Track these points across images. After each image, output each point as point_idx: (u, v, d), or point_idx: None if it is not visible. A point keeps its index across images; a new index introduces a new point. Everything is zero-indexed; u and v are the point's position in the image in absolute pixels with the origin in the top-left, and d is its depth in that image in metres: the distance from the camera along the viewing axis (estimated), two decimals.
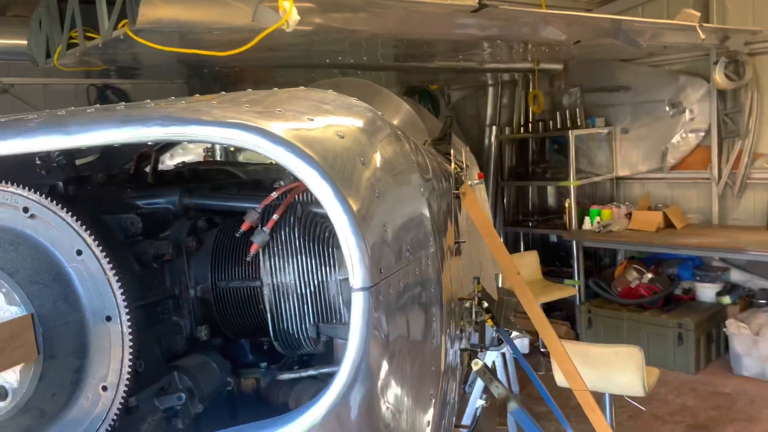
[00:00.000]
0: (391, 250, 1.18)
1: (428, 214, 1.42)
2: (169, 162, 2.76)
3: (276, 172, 1.92)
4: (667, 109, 7.56)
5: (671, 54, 7.38)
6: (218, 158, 3.74)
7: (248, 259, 1.59)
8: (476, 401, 5.79)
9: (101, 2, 3.11)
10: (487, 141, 8.64)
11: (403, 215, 1.28)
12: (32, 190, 1.34)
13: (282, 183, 1.69)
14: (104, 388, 1.34)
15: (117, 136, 1.11)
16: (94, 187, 1.65)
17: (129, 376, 1.35)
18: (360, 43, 4.63)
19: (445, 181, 2.08)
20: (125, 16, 3.07)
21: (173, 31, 3.31)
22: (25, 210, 1.35)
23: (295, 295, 1.58)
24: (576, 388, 3.65)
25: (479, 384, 5.76)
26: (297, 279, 1.57)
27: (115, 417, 1.35)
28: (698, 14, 5.90)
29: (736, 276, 7.30)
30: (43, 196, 1.38)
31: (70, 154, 1.73)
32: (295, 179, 1.17)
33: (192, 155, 2.89)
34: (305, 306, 1.58)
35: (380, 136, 1.32)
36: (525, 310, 3.84)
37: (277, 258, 1.57)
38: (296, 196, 1.60)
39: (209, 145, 2.63)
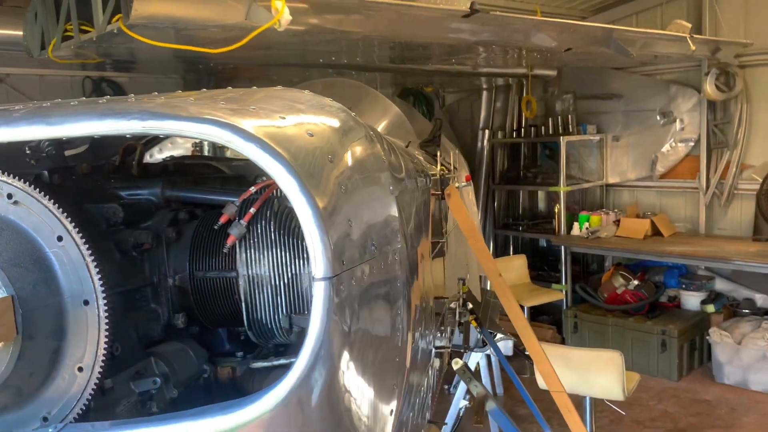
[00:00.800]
0: (354, 244, 1.24)
1: (397, 212, 1.48)
2: (157, 155, 2.81)
3: (258, 168, 1.98)
4: (658, 118, 7.65)
5: (663, 64, 7.47)
6: (206, 153, 3.80)
7: (225, 250, 1.65)
8: (459, 401, 5.87)
9: None
10: (479, 144, 8.72)
11: (370, 212, 1.34)
12: (16, 177, 1.39)
13: (263, 179, 1.75)
14: (80, 369, 1.40)
15: (97, 128, 1.17)
16: (78, 177, 1.71)
17: (104, 359, 1.41)
18: (354, 45, 4.70)
19: (421, 181, 2.14)
20: (120, 11, 3.12)
21: (167, 26, 3.37)
22: (9, 196, 1.40)
23: (269, 287, 1.64)
24: (553, 389, 3.72)
25: (463, 385, 5.80)
26: (271, 271, 1.62)
27: (90, 397, 1.40)
28: (689, 25, 5.99)
29: (720, 285, 7.39)
30: (28, 183, 1.43)
31: (59, 144, 1.79)
32: None
33: (181, 150, 2.94)
34: (278, 297, 1.63)
35: (351, 135, 1.38)
36: (505, 311, 3.90)
37: (252, 250, 1.63)
38: (274, 192, 1.66)
39: (197, 140, 2.69)
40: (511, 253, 8.87)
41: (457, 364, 4.01)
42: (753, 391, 6.47)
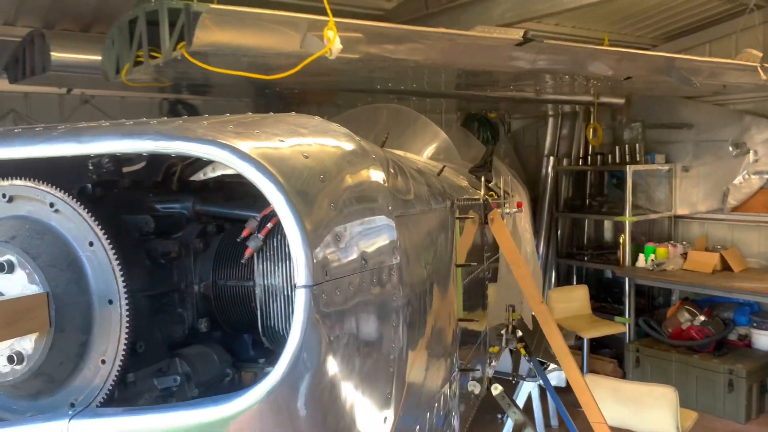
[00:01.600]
0: (342, 257, 1.34)
1: (395, 232, 1.58)
2: (210, 174, 3.01)
3: None
4: (731, 149, 7.41)
5: (736, 93, 7.25)
6: None
7: (243, 261, 1.79)
8: (509, 431, 5.81)
9: (164, 25, 3.43)
10: (544, 171, 8.66)
11: (361, 229, 1.45)
12: (58, 188, 1.58)
13: None
14: (103, 362, 1.56)
15: (117, 147, 1.34)
16: (120, 191, 1.89)
17: (126, 354, 1.56)
18: (407, 72, 4.84)
19: (440, 205, 2.23)
20: (184, 38, 3.37)
21: (227, 54, 3.61)
22: (51, 205, 1.59)
23: (281, 296, 1.76)
24: (593, 420, 3.67)
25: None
26: (284, 282, 1.75)
27: (111, 388, 1.56)
28: (760, 54, 5.81)
29: None
30: (68, 194, 1.62)
31: (118, 161, 2.00)
32: None
33: (230, 170, 3.13)
34: (290, 306, 1.75)
35: (348, 158, 1.49)
36: (547, 338, 3.89)
37: (268, 262, 1.76)
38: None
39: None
40: (575, 283, 8.72)
41: (496, 389, 4.03)
42: None
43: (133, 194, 1.93)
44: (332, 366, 1.34)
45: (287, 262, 1.75)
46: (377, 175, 1.56)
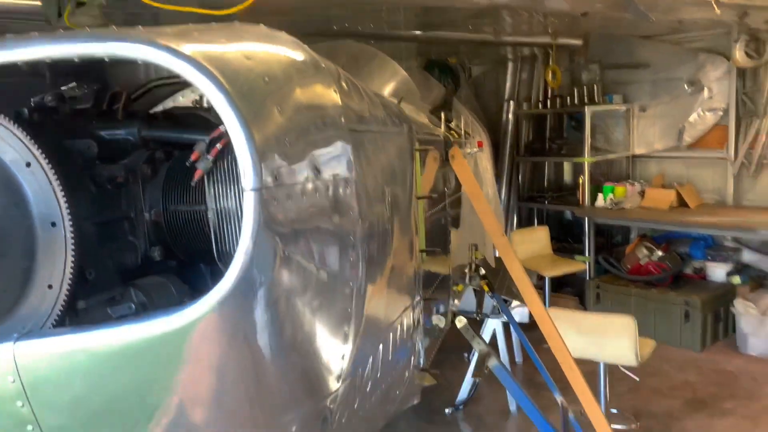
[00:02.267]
0: (291, 163, 1.30)
1: (349, 145, 1.54)
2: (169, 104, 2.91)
3: None
4: (686, 87, 7.49)
5: (692, 31, 7.29)
6: None
7: (192, 184, 1.74)
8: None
9: None
10: (504, 116, 8.66)
11: (311, 137, 1.40)
12: None
13: None
14: (50, 287, 1.51)
15: (49, 52, 1.27)
16: (60, 117, 1.81)
17: (72, 278, 1.51)
18: (365, 10, 4.73)
19: (397, 129, 2.19)
20: None
21: None
22: None
23: (235, 219, 1.72)
24: (555, 347, 3.75)
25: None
26: (238, 205, 1.71)
27: (60, 313, 1.52)
28: None
29: (748, 257, 7.24)
30: (3, 117, 1.54)
31: (62, 99, 1.91)
32: None
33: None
34: None
35: (296, 64, 1.44)
36: (508, 270, 3.93)
37: (220, 184, 1.71)
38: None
39: (197, 98, 2.78)
40: (536, 225, 8.83)
41: (460, 322, 4.07)
42: None
43: (75, 121, 1.85)
44: (286, 278, 1.31)
45: (239, 183, 1.70)
46: (329, 85, 1.52)
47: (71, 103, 1.98)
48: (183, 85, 2.81)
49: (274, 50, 1.43)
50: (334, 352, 1.58)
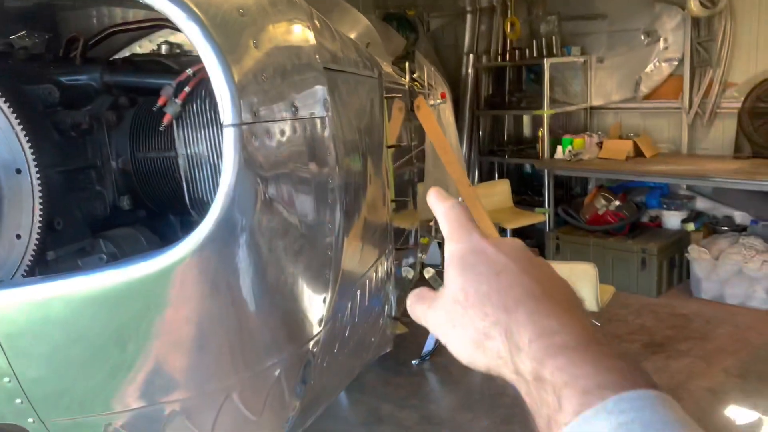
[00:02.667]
0: (269, 100, 1.27)
1: (324, 83, 1.50)
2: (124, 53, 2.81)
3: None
4: (642, 37, 7.56)
5: None
6: None
7: (161, 129, 1.68)
8: None
9: None
10: (464, 70, 8.62)
11: (288, 73, 1.36)
12: None
13: None
14: (18, 236, 1.45)
15: None
16: (14, 62, 1.72)
17: (41, 227, 1.46)
18: None
19: (368, 72, 2.15)
20: None
21: None
22: None
23: (208, 165, 1.67)
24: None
25: None
26: (209, 150, 1.66)
27: (30, 264, 1.46)
28: None
29: (701, 204, 7.46)
30: None
31: (11, 47, 1.81)
32: None
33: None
34: (218, 175, 1.67)
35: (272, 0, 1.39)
36: (475, 219, 3.96)
37: (189, 129, 1.66)
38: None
39: (155, 47, 2.68)
40: (497, 179, 8.90)
41: (428, 272, 4.11)
42: (728, 305, 6.63)
43: (32, 67, 1.76)
44: (267, 220, 1.28)
45: (210, 127, 1.65)
46: (303, 22, 1.47)
47: (22, 54, 1.89)
48: (140, 32, 2.71)
49: None
50: (316, 296, 1.57)
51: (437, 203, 0.78)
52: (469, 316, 0.70)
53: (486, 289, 0.68)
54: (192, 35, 1.13)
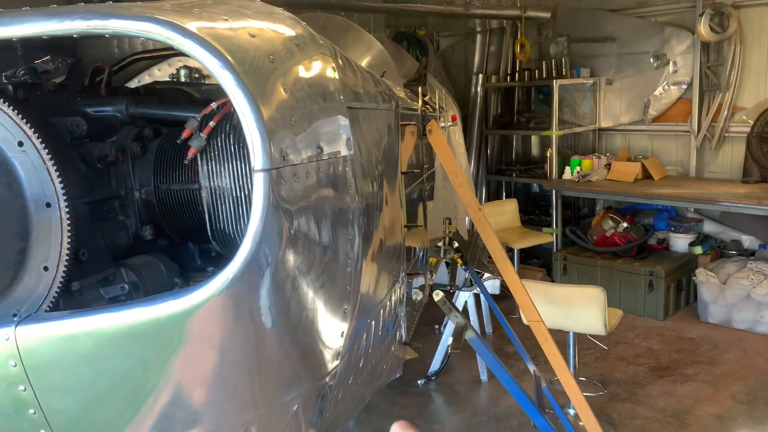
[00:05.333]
0: (297, 142, 1.30)
1: (347, 122, 1.53)
2: (147, 79, 2.85)
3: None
4: (651, 60, 7.60)
5: (658, 5, 7.39)
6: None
7: (186, 162, 1.71)
8: (447, 340, 6.02)
9: None
10: (473, 89, 8.68)
11: (315, 114, 1.39)
12: None
13: None
14: (45, 269, 1.48)
15: (45, 28, 1.22)
16: (44, 94, 1.76)
17: (69, 260, 1.48)
18: None
19: (386, 105, 2.19)
20: None
21: None
22: None
23: (230, 198, 1.70)
24: (530, 319, 3.82)
25: (451, 324, 5.93)
26: (232, 183, 1.69)
27: (56, 296, 1.49)
28: None
29: (709, 227, 7.47)
30: None
31: (35, 72, 1.84)
32: None
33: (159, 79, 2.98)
34: (240, 208, 1.70)
35: (297, 40, 1.42)
36: (484, 242, 3.98)
37: (214, 163, 1.69)
38: (234, 107, 1.71)
39: (175, 71, 2.73)
40: (504, 198, 8.93)
41: (437, 295, 4.12)
42: (736, 329, 6.62)
43: (60, 97, 1.80)
44: (292, 259, 1.31)
45: (234, 161, 1.68)
46: (327, 62, 1.50)
47: (46, 77, 1.93)
48: (160, 57, 2.75)
49: (276, 27, 1.41)
50: (335, 330, 1.59)
51: None
52: None
53: None
54: (225, 82, 1.16)
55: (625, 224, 7.27)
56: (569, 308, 4.95)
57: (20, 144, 1.45)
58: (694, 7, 7.13)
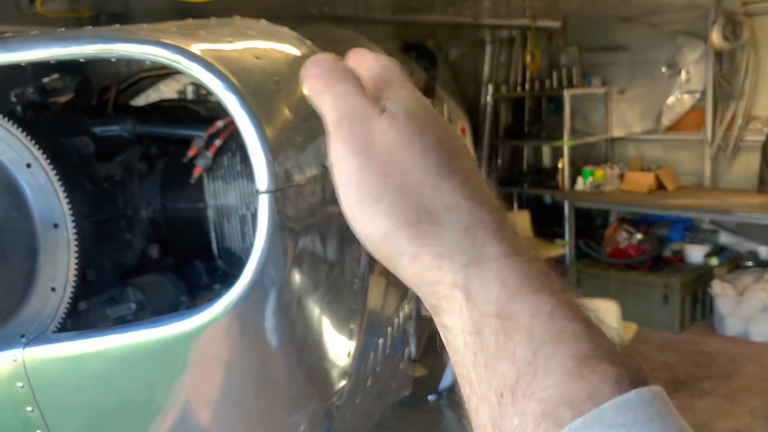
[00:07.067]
0: (302, 162, 1.29)
1: None
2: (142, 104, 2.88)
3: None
4: (664, 69, 7.55)
5: (670, 13, 7.35)
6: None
7: (192, 181, 1.72)
8: None
9: None
10: (483, 100, 8.66)
11: (321, 134, 1.39)
12: None
13: None
14: (53, 289, 1.48)
15: (52, 52, 1.23)
16: (52, 114, 1.77)
17: (77, 281, 1.49)
18: None
19: None
20: None
21: None
22: None
23: (236, 216, 1.71)
24: None
25: None
26: (238, 201, 1.69)
27: (63, 317, 1.49)
28: None
29: (725, 238, 7.38)
30: (0, 116, 1.50)
31: (44, 91, 1.86)
32: None
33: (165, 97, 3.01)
34: (246, 226, 1.71)
35: (301, 62, 1.42)
36: None
37: (220, 182, 1.70)
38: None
39: (181, 87, 2.74)
40: (515, 209, 8.88)
41: None
42: (753, 342, 6.51)
43: (67, 117, 1.81)
44: (298, 278, 1.30)
45: (240, 180, 1.69)
46: None
47: (53, 95, 1.94)
48: (167, 75, 2.77)
49: (281, 48, 1.42)
50: (341, 349, 1.58)
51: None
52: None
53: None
54: (230, 104, 1.16)
55: (639, 235, 7.20)
56: None
57: (28, 165, 1.46)
58: (707, 15, 7.08)
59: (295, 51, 1.44)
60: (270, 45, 1.38)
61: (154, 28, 1.32)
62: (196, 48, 1.19)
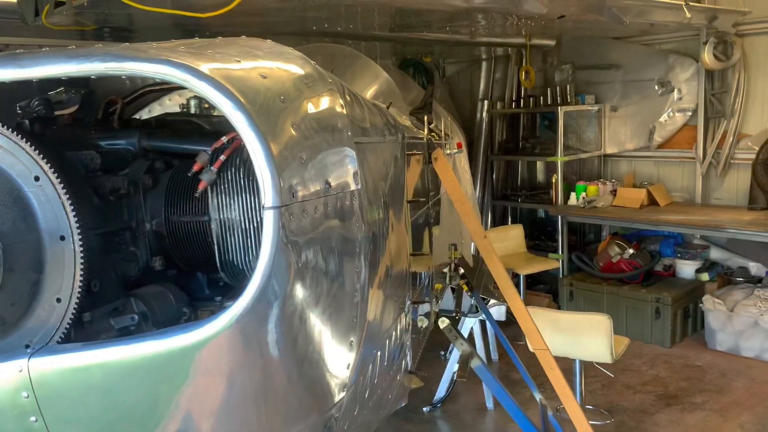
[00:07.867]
0: (306, 178, 1.33)
1: (355, 157, 1.57)
2: (146, 117, 2.91)
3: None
4: (656, 87, 7.65)
5: (662, 33, 7.46)
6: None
7: (197, 195, 1.75)
8: (453, 366, 6.00)
9: None
10: (479, 115, 8.75)
11: (323, 151, 1.43)
12: None
13: None
14: (58, 300, 1.51)
15: (64, 69, 1.27)
16: (59, 127, 1.80)
17: (81, 292, 1.51)
18: (352, 11, 4.74)
19: (393, 137, 2.23)
20: None
21: None
22: None
23: (239, 230, 1.73)
24: (536, 347, 3.82)
25: (456, 351, 5.91)
26: (241, 215, 1.72)
27: (68, 327, 1.52)
28: None
29: (715, 254, 7.46)
30: (8, 129, 1.53)
31: (49, 104, 1.89)
32: None
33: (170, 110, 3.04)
34: (249, 240, 1.73)
35: (306, 80, 1.46)
36: (490, 270, 3.99)
37: (223, 196, 1.73)
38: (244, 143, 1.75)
39: (185, 101, 2.78)
40: (510, 223, 8.94)
41: (443, 323, 4.12)
42: (744, 357, 6.57)
43: (74, 131, 1.84)
44: (300, 292, 1.34)
45: (244, 194, 1.72)
46: (335, 100, 1.54)
47: (58, 108, 1.97)
48: (171, 89, 2.81)
49: (286, 67, 1.46)
50: (341, 362, 1.61)
51: None
52: None
53: None
54: (237, 123, 1.20)
55: (631, 250, 7.26)
56: (575, 336, 4.94)
57: (36, 179, 1.49)
58: (698, 35, 7.19)
59: (299, 70, 1.49)
60: (276, 64, 1.43)
61: (163, 46, 1.35)
62: (205, 68, 1.23)
